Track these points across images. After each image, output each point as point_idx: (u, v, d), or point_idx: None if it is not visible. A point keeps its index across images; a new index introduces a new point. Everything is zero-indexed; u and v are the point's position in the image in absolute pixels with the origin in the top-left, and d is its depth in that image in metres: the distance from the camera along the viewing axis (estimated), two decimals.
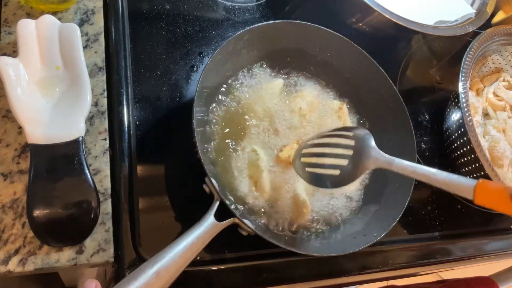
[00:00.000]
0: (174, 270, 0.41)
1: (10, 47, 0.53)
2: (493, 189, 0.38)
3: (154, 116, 0.58)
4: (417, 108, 0.75)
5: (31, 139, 0.45)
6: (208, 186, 0.48)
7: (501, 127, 0.72)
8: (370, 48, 0.62)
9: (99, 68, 0.55)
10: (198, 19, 0.68)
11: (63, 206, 0.45)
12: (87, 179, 0.46)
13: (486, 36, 0.70)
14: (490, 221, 0.70)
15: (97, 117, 0.52)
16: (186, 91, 0.62)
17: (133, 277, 0.39)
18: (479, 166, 0.61)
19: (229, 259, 0.52)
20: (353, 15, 0.73)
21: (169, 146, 0.57)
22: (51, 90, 0.50)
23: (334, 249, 0.51)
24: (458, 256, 0.64)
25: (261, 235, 0.45)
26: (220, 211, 0.46)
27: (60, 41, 0.51)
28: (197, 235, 0.44)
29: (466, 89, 0.63)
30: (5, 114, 0.50)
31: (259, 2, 0.73)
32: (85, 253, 0.46)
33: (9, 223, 0.45)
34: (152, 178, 0.55)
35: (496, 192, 0.38)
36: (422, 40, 0.83)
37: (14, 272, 0.44)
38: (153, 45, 0.63)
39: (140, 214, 0.50)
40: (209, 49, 0.66)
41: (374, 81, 0.63)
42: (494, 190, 0.38)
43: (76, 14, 0.57)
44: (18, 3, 0.55)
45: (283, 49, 0.62)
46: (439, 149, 0.72)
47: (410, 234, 0.63)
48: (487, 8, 0.77)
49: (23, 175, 0.47)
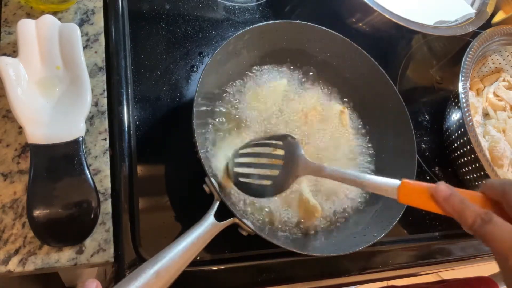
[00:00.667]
0: (174, 270, 0.41)
1: (10, 47, 0.53)
2: (415, 189, 0.39)
3: (154, 116, 0.58)
4: (417, 108, 0.75)
5: (31, 139, 0.45)
6: (208, 186, 0.48)
7: (501, 127, 0.72)
8: (370, 48, 0.62)
9: (99, 68, 0.55)
10: (198, 19, 0.68)
11: (63, 206, 0.45)
12: (87, 179, 0.46)
13: (486, 36, 0.70)
14: None
15: (97, 117, 0.52)
16: (186, 91, 0.62)
17: (133, 277, 0.39)
18: (479, 166, 0.61)
19: (229, 259, 0.52)
20: (353, 15, 0.73)
21: (169, 146, 0.57)
22: (51, 90, 0.50)
23: (334, 249, 0.51)
24: (458, 256, 0.64)
25: (261, 235, 0.45)
26: (220, 211, 0.46)
27: (60, 41, 0.51)
28: (197, 235, 0.44)
29: (466, 89, 0.63)
30: (5, 114, 0.50)
31: (259, 2, 0.73)
32: (85, 253, 0.46)
33: (9, 223, 0.45)
34: (152, 178, 0.55)
35: (418, 191, 0.39)
36: (422, 40, 0.83)
37: (14, 272, 0.44)
38: (153, 45, 0.63)
39: (140, 214, 0.50)
40: (209, 49, 0.66)
41: (374, 81, 0.63)
42: (416, 190, 0.39)
43: (76, 14, 0.57)
44: (18, 3, 0.55)
45: (283, 49, 0.62)
46: (439, 149, 0.72)
47: (410, 234, 0.63)
48: (487, 8, 0.77)
49: (23, 175, 0.47)
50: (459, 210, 0.36)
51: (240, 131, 0.57)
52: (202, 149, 0.52)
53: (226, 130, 0.56)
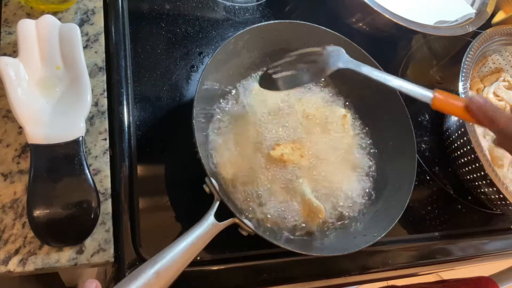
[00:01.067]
0: (174, 270, 0.41)
1: (10, 47, 0.53)
2: (448, 100, 0.44)
3: (154, 116, 0.58)
4: (417, 108, 0.75)
5: (31, 139, 0.45)
6: (208, 186, 0.48)
7: None
8: (370, 48, 0.62)
9: (99, 68, 0.55)
10: (198, 19, 0.68)
11: (63, 206, 0.45)
12: (87, 179, 0.46)
13: (486, 36, 0.70)
14: (490, 221, 0.70)
15: (97, 117, 0.52)
16: (186, 91, 0.62)
17: (133, 277, 0.39)
18: (479, 166, 0.61)
19: (229, 259, 0.52)
20: (353, 15, 0.73)
21: (169, 146, 0.57)
22: (51, 90, 0.50)
23: (334, 249, 0.51)
24: (458, 256, 0.64)
25: (261, 235, 0.45)
26: (220, 211, 0.46)
27: (60, 41, 0.51)
28: (197, 235, 0.44)
29: (466, 89, 0.63)
30: (5, 114, 0.50)
31: (259, 2, 0.73)
32: (85, 253, 0.46)
33: (9, 223, 0.45)
34: (152, 178, 0.55)
35: (451, 101, 0.44)
36: (422, 40, 0.83)
37: (14, 272, 0.44)
38: (153, 45, 0.63)
39: (140, 214, 0.50)
40: (209, 49, 0.66)
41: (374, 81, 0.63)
42: (449, 101, 0.44)
43: (76, 14, 0.57)
44: (18, 3, 0.55)
45: (284, 49, 0.62)
46: (439, 149, 0.72)
47: (410, 234, 0.63)
48: (487, 8, 0.77)
49: (23, 175, 0.47)
50: (492, 116, 0.41)
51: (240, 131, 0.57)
52: (202, 149, 0.52)
53: (226, 130, 0.56)
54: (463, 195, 0.69)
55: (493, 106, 0.42)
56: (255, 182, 0.54)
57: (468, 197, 0.69)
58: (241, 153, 0.55)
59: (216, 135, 0.56)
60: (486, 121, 0.42)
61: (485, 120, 0.42)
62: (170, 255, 0.41)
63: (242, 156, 0.55)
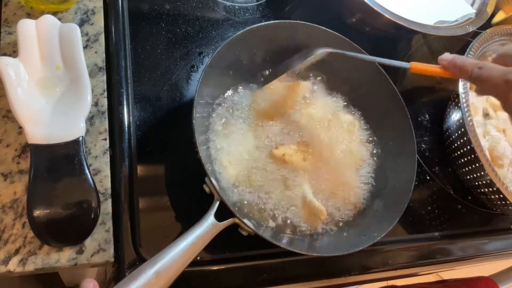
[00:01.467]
0: (174, 270, 0.41)
1: (10, 47, 0.53)
2: (424, 64, 0.49)
3: (154, 116, 0.58)
4: (417, 108, 0.75)
5: (31, 139, 0.45)
6: (208, 186, 0.48)
7: (501, 127, 0.72)
8: (370, 48, 0.62)
9: (99, 68, 0.55)
10: (198, 19, 0.68)
11: (63, 206, 0.45)
12: (87, 179, 0.46)
13: (486, 36, 0.70)
14: (490, 221, 0.70)
15: (97, 117, 0.52)
16: (186, 91, 0.62)
17: (133, 277, 0.39)
18: (479, 166, 0.61)
19: (229, 259, 0.52)
20: (354, 15, 0.73)
21: (169, 146, 0.57)
22: (51, 90, 0.50)
23: (334, 249, 0.51)
24: (458, 256, 0.64)
25: (261, 235, 0.45)
26: (220, 211, 0.46)
27: (60, 41, 0.51)
28: (197, 235, 0.44)
29: (467, 89, 0.63)
30: (5, 114, 0.50)
31: (259, 2, 0.73)
32: (85, 253, 0.46)
33: (9, 223, 0.45)
34: (152, 178, 0.55)
35: (427, 66, 0.49)
36: (422, 40, 0.83)
37: (14, 272, 0.44)
38: (153, 45, 0.63)
39: (140, 214, 0.50)
40: (209, 49, 0.66)
41: (374, 81, 0.63)
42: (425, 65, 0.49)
43: (76, 14, 0.57)
44: (18, 3, 0.55)
45: (284, 49, 0.62)
46: (439, 149, 0.72)
47: (410, 234, 0.63)
48: (487, 8, 0.77)
49: (23, 175, 0.47)
50: (460, 65, 0.44)
51: (240, 130, 0.57)
52: (202, 149, 0.52)
53: (227, 129, 0.56)
54: (463, 195, 0.69)
55: (461, 57, 0.45)
56: (255, 182, 0.54)
57: (468, 197, 0.69)
58: (242, 153, 0.55)
59: (216, 135, 0.56)
60: (457, 72, 0.45)
61: (455, 71, 0.45)
62: (170, 255, 0.41)
63: (243, 156, 0.55)
